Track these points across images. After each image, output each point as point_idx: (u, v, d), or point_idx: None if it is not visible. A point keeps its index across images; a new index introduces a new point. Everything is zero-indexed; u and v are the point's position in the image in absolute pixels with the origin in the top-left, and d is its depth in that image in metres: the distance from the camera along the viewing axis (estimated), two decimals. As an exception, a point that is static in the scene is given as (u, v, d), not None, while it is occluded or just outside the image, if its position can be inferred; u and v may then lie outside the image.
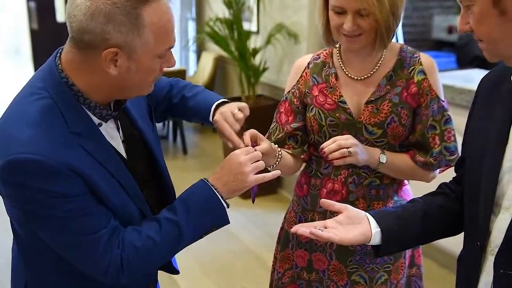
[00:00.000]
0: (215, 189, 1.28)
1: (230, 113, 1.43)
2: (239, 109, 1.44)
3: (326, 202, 1.31)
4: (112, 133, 1.27)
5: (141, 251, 1.21)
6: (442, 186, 1.40)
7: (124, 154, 1.30)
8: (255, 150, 1.37)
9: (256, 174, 1.32)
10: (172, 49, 1.21)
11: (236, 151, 1.33)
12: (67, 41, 1.19)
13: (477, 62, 4.68)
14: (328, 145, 1.51)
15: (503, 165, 1.12)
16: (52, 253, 1.21)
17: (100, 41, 1.10)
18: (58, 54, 1.21)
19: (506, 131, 1.13)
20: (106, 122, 1.24)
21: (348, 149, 1.49)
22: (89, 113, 1.20)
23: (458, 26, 1.10)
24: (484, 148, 1.16)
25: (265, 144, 1.47)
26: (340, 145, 1.49)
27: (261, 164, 1.34)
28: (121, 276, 1.20)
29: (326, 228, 1.25)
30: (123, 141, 1.30)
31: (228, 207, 1.30)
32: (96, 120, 1.22)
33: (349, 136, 1.55)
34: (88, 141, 1.17)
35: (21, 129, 1.12)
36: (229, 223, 1.31)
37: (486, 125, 1.17)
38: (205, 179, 1.31)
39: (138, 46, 1.12)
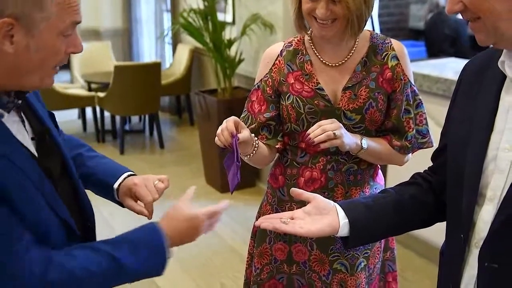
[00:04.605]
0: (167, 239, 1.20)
1: (152, 181, 1.37)
2: (160, 180, 1.39)
3: (295, 191, 1.27)
4: (18, 127, 1.10)
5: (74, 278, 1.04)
6: (415, 176, 1.36)
7: (34, 153, 1.12)
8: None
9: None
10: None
11: (200, 214, 1.31)
12: None
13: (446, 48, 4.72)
14: (314, 131, 1.49)
15: (487, 154, 1.07)
16: None
17: None
18: None
19: (491, 119, 1.08)
20: (8, 112, 1.07)
21: (334, 132, 1.48)
22: None
23: (447, 6, 1.02)
24: (467, 136, 1.11)
25: (246, 132, 1.51)
26: (325, 130, 1.48)
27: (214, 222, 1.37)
28: None
29: (293, 219, 1.20)
30: (32, 139, 1.13)
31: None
32: None
33: (334, 120, 1.54)
34: None
35: None
36: (160, 274, 1.24)
37: (469, 113, 1.13)
38: (157, 223, 1.20)
39: (39, 19, 0.99)
